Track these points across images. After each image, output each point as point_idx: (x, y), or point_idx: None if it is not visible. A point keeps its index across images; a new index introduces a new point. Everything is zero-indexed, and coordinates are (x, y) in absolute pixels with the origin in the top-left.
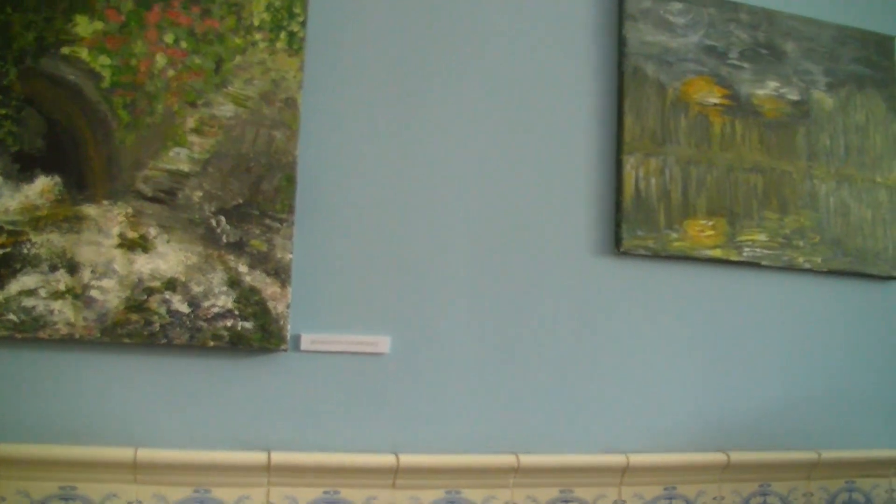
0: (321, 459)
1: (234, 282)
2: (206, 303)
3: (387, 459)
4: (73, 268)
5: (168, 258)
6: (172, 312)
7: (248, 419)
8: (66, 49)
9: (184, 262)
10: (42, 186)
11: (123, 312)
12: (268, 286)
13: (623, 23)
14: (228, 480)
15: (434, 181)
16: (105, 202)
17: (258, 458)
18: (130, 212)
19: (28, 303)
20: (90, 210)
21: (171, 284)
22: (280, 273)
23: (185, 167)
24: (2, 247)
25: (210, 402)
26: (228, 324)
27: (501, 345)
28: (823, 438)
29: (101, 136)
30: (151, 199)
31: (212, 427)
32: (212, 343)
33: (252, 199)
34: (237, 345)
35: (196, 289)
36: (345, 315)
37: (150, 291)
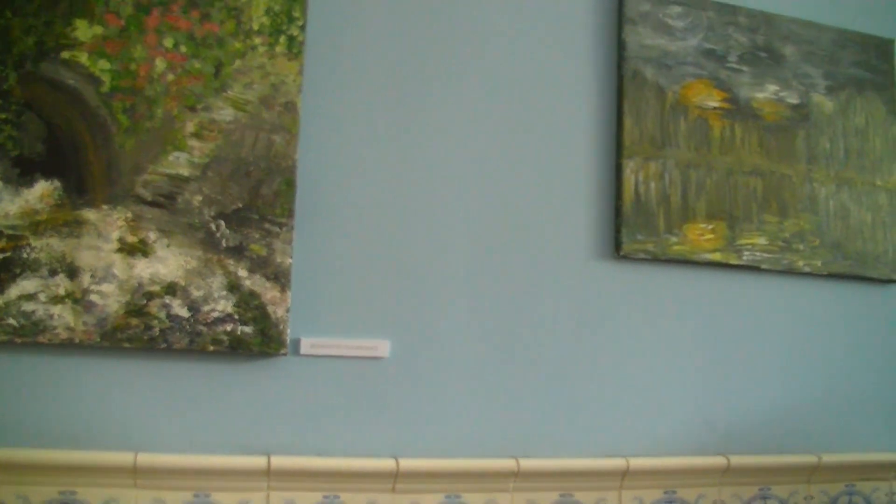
0: (321, 464)
1: (234, 286)
2: (206, 307)
3: (387, 464)
4: (73, 272)
5: (168, 262)
6: (172, 317)
7: (248, 424)
8: (66, 53)
9: (183, 267)
10: (42, 191)
11: (123, 317)
12: (267, 290)
13: (622, 26)
14: (228, 485)
15: (434, 185)
16: (105, 207)
17: (258, 463)
18: (130, 216)
19: (28, 307)
20: (90, 214)
21: (171, 289)
22: (280, 277)
23: (185, 171)
24: (2, 251)
25: (210, 407)
26: (228, 328)
27: (501, 348)
28: (824, 442)
29: (101, 141)
30: (151, 204)
31: (212, 431)
32: (211, 347)
33: (252, 204)
34: (237, 349)
35: (196, 293)
36: (344, 319)
37: (150, 296)
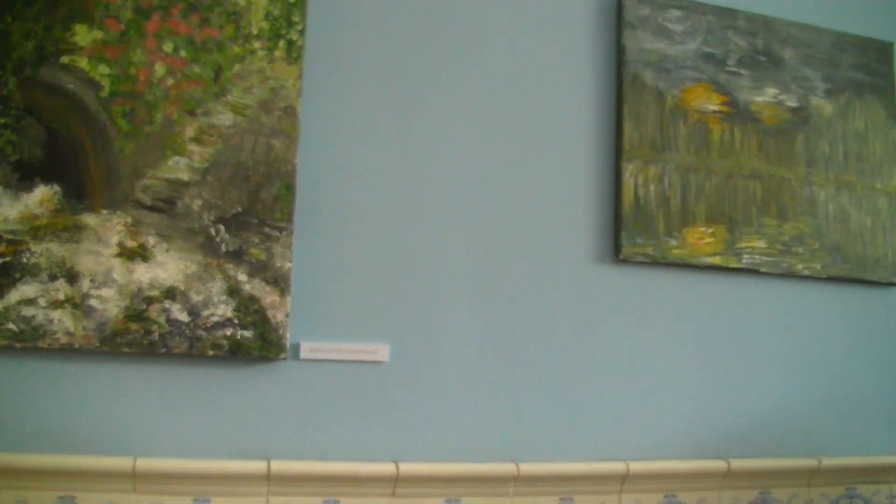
0: (321, 468)
1: (234, 290)
2: (206, 312)
3: (387, 468)
4: (73, 277)
5: (167, 267)
6: (172, 321)
7: (248, 428)
8: (66, 58)
9: (183, 271)
10: (41, 195)
11: (123, 321)
12: (267, 295)
13: (622, 30)
14: (228, 490)
15: (433, 189)
16: (104, 211)
17: (258, 467)
18: (130, 221)
19: (27, 312)
20: (89, 219)
21: (171, 293)
22: (279, 281)
23: (185, 176)
24: (1, 256)
25: (209, 412)
26: (228, 333)
27: (501, 352)
28: (824, 445)
29: (101, 146)
30: (151, 208)
31: (211, 436)
32: (211, 352)
33: (251, 208)
34: (236, 354)
35: (195, 298)
36: (344, 323)
37: (150, 300)
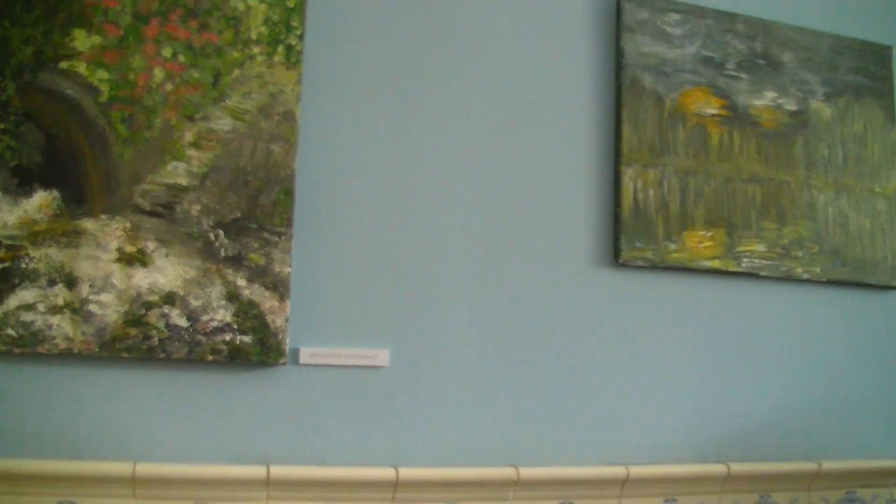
0: (320, 473)
1: (233, 296)
2: (205, 317)
3: (386, 473)
4: (72, 282)
5: (166, 272)
6: (171, 326)
7: (247, 433)
8: (65, 63)
9: (182, 276)
10: (40, 201)
11: (122, 327)
12: (266, 300)
13: (620, 34)
14: (227, 495)
15: (433, 193)
16: (103, 216)
17: (257, 473)
18: (129, 226)
19: (27, 317)
20: (88, 224)
21: (170, 298)
22: (278, 287)
23: (184, 181)
24: (0, 261)
25: (209, 417)
26: (227, 338)
27: (500, 357)
28: (824, 448)
29: (100, 151)
30: (150, 214)
31: (211, 441)
32: (210, 357)
33: (250, 213)
34: (236, 359)
35: (194, 303)
36: (344, 328)
37: (149, 306)
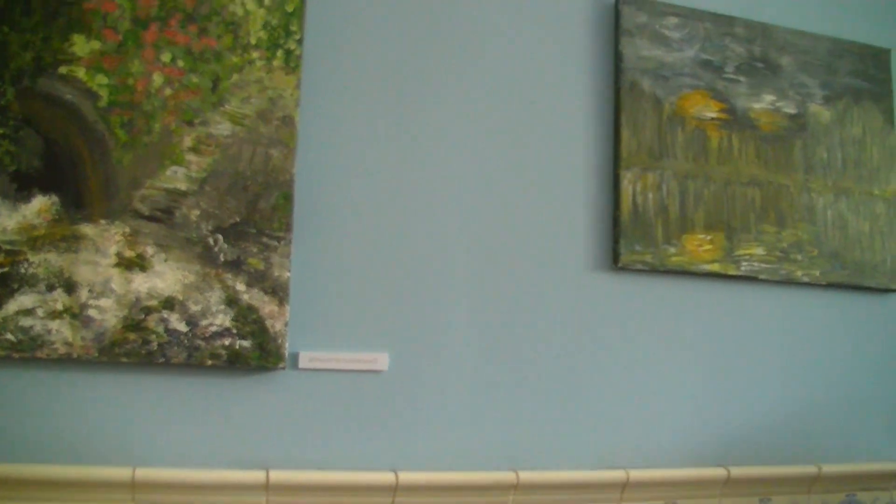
0: (320, 478)
1: (232, 300)
2: (204, 321)
3: (386, 477)
4: (71, 287)
5: (166, 277)
6: (170, 331)
7: (247, 438)
8: (64, 69)
9: (181, 281)
10: (39, 206)
11: (121, 332)
12: (265, 304)
13: (619, 38)
14: (227, 499)
15: (432, 197)
16: (102, 221)
17: (256, 477)
18: (128, 231)
19: (26, 322)
20: (87, 229)
21: (169, 303)
22: (278, 291)
23: (183, 186)
24: None
25: (208, 421)
26: (226, 342)
27: (500, 361)
28: (824, 451)
29: (99, 156)
30: (149, 218)
31: (210, 446)
32: (210, 362)
33: (249, 218)
34: (235, 363)
35: (194, 307)
36: (343, 332)
37: (148, 310)
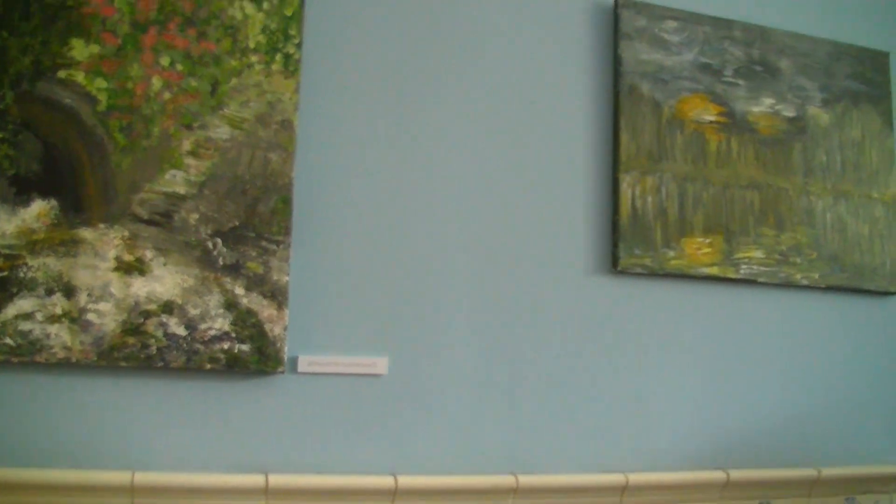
0: (319, 482)
1: (231, 304)
2: (203, 325)
3: (385, 481)
4: (70, 291)
5: (164, 281)
6: (169, 335)
7: (246, 442)
8: (63, 73)
9: (180, 285)
10: (38, 210)
11: (120, 336)
12: (264, 308)
13: (618, 41)
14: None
15: (431, 201)
16: (101, 225)
17: (256, 481)
18: (127, 235)
19: (24, 326)
20: (86, 233)
21: (168, 307)
22: (277, 295)
23: (182, 190)
24: None
25: (207, 425)
26: (225, 346)
27: (499, 365)
28: (823, 454)
29: (98, 160)
30: (148, 222)
31: (209, 450)
32: (209, 366)
33: (248, 222)
34: (234, 367)
35: (193, 311)
36: (342, 336)
37: (147, 314)
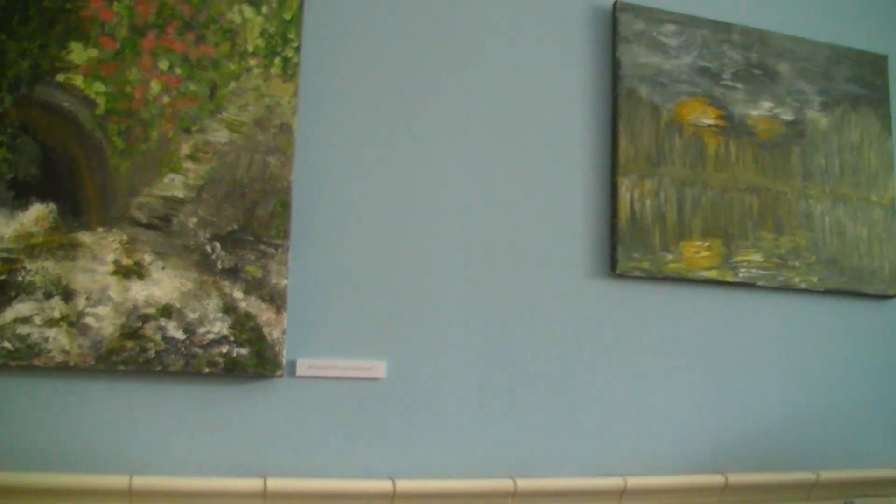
0: (317, 485)
1: (229, 308)
2: (202, 329)
3: (383, 485)
4: (68, 295)
5: (163, 285)
6: (167, 339)
7: (244, 446)
8: (61, 76)
9: (179, 289)
10: (37, 214)
11: (118, 339)
12: (263, 312)
13: (617, 45)
14: None
15: (430, 204)
16: (100, 229)
17: (254, 485)
18: (125, 238)
19: (23, 330)
20: (85, 237)
21: (167, 311)
22: (275, 299)
23: (180, 193)
24: None
25: (205, 429)
26: (224, 350)
27: (498, 368)
28: (822, 458)
29: (96, 163)
30: (146, 226)
31: (207, 454)
32: (207, 370)
33: (247, 225)
34: (232, 371)
35: (191, 315)
36: (340, 340)
37: (146, 318)
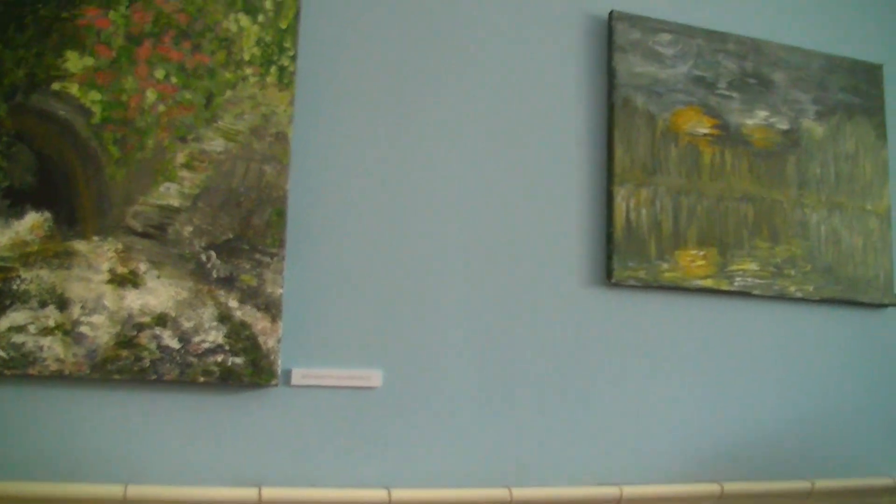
0: (313, 495)
1: (225, 317)
2: (197, 338)
3: (379, 494)
4: (63, 304)
5: (158, 293)
6: (163, 348)
7: (239, 455)
8: (57, 85)
9: (174, 298)
10: (32, 222)
11: (113, 348)
12: (258, 321)
13: (612, 54)
14: None
15: (425, 214)
16: (95, 238)
17: (249, 494)
18: (121, 247)
19: (17, 339)
20: (80, 246)
21: (162, 320)
22: (270, 308)
23: (176, 202)
24: None
25: (200, 438)
26: (219, 359)
27: (494, 377)
28: (818, 467)
29: (92, 172)
30: (142, 235)
31: (202, 463)
32: (202, 379)
33: (242, 234)
34: (227, 380)
35: (186, 324)
36: (336, 349)
37: (141, 327)
